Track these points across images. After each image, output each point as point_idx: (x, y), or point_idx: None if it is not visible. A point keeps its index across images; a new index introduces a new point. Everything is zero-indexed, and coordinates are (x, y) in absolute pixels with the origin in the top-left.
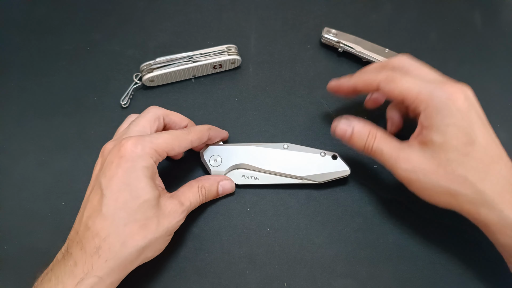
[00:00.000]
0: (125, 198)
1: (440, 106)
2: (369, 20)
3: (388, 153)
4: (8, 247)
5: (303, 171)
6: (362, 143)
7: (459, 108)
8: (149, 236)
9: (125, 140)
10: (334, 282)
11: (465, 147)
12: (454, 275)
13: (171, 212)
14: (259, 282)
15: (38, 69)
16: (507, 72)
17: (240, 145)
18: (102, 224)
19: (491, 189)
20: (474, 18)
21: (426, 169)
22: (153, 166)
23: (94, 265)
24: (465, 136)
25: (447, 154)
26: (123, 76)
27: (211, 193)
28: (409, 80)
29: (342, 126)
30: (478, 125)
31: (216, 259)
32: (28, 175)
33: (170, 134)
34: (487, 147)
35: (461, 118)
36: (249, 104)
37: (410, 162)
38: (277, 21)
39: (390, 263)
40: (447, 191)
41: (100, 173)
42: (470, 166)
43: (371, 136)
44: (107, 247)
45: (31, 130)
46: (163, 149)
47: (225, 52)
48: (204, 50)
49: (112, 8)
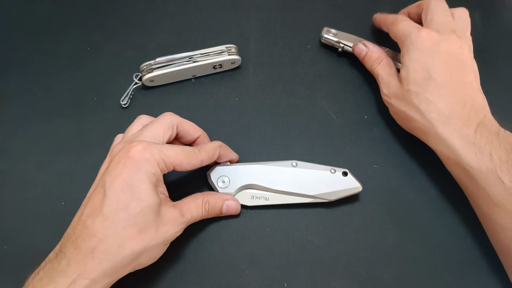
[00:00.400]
0: (127, 200)
1: (409, 45)
2: (369, 20)
3: (381, 77)
4: (8, 247)
5: (314, 189)
6: (370, 63)
7: (423, 48)
8: (146, 242)
9: (135, 143)
10: (334, 283)
11: (422, 81)
12: (454, 275)
13: (171, 221)
14: (259, 283)
15: (38, 70)
16: (507, 72)
17: (248, 165)
18: (102, 225)
19: (437, 118)
20: (474, 18)
21: (396, 96)
22: (159, 174)
23: (87, 266)
24: (423, 71)
25: (408, 85)
26: (123, 76)
27: (215, 210)
28: (405, 23)
29: (359, 47)
30: (439, 64)
31: (216, 259)
32: (28, 175)
33: (182, 149)
34: (443, 83)
35: (422, 56)
36: (249, 104)
37: (389, 87)
38: (277, 22)
39: (390, 264)
40: (407, 116)
41: (106, 171)
42: (423, 97)
43: (378, 60)
44: (103, 248)
45: (31, 131)
46: (172, 162)
47: (225, 52)
48: (204, 50)
49: (112, 9)
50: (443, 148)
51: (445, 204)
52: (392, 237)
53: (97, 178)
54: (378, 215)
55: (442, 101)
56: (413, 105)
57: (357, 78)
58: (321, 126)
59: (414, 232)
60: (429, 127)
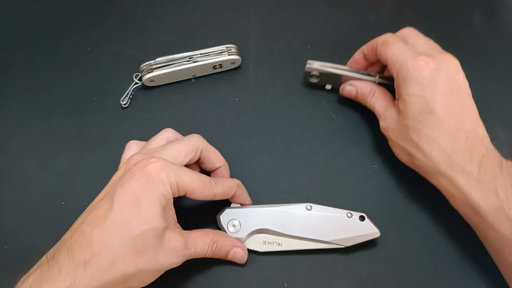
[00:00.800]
0: (132, 217)
1: (406, 76)
2: (369, 20)
3: (377, 109)
4: (8, 247)
5: (330, 235)
6: (365, 99)
7: (422, 79)
8: (140, 266)
9: (155, 160)
10: (334, 282)
11: (421, 116)
12: (454, 275)
13: (173, 250)
14: (259, 282)
15: (38, 69)
16: (507, 72)
17: (260, 207)
18: (100, 236)
19: (439, 156)
20: (474, 18)
21: (394, 130)
22: (170, 197)
23: (78, 277)
24: (422, 105)
25: (406, 121)
26: (123, 76)
27: (221, 253)
28: (398, 46)
29: (348, 88)
30: (440, 96)
31: (216, 259)
32: (28, 175)
33: (199, 177)
34: (444, 118)
35: (421, 89)
36: (249, 104)
37: (387, 121)
38: (277, 21)
39: (390, 263)
40: (407, 152)
41: (118, 182)
42: (423, 134)
43: (371, 93)
44: (96, 262)
45: (31, 130)
46: (185, 187)
47: (225, 52)
48: (204, 50)
49: (112, 8)
50: (447, 186)
51: (445, 203)
52: (392, 237)
53: (108, 185)
54: (378, 214)
55: (443, 138)
56: (412, 142)
57: None
58: (321, 125)
59: (414, 232)
60: (431, 165)
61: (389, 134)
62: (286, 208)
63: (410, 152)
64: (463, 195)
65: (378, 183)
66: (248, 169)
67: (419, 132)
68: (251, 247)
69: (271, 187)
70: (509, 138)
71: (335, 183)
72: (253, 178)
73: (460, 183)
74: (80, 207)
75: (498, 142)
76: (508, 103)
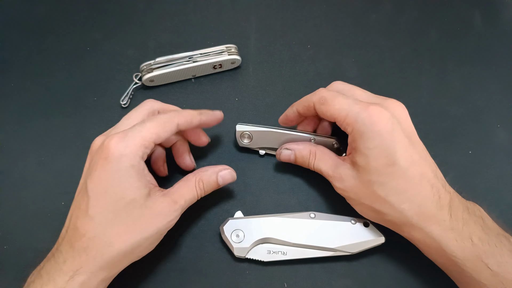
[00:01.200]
0: (110, 200)
1: (363, 129)
2: (369, 20)
3: (325, 171)
4: (8, 247)
5: (334, 242)
6: (306, 163)
7: (381, 130)
8: (137, 237)
9: (108, 139)
10: (334, 282)
11: (385, 169)
12: None
13: (162, 212)
14: (259, 282)
15: (38, 69)
16: (507, 72)
17: (263, 217)
18: (89, 226)
19: (410, 209)
20: (474, 18)
21: (354, 188)
22: (139, 163)
23: (83, 263)
24: (385, 158)
25: (369, 176)
26: (123, 76)
27: (210, 186)
28: (340, 101)
29: (285, 153)
30: (400, 146)
31: (216, 259)
32: (28, 175)
33: (154, 121)
34: (408, 168)
35: (382, 141)
36: (249, 104)
37: (342, 181)
38: (277, 21)
39: (390, 263)
40: (373, 209)
41: (86, 173)
42: (390, 187)
43: (312, 156)
44: (94, 247)
45: (31, 130)
46: (149, 140)
47: (225, 52)
48: (204, 50)
49: (112, 8)
50: (421, 237)
51: None
52: (392, 236)
53: (81, 178)
54: None
55: (411, 189)
56: (378, 197)
57: (357, 78)
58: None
59: None
60: (402, 219)
61: (349, 194)
62: (290, 216)
63: (377, 208)
64: (438, 245)
65: None
66: (248, 169)
67: (385, 186)
68: (256, 257)
69: (271, 187)
70: (509, 138)
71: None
72: (253, 178)
73: (434, 234)
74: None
75: (498, 142)
76: (508, 103)
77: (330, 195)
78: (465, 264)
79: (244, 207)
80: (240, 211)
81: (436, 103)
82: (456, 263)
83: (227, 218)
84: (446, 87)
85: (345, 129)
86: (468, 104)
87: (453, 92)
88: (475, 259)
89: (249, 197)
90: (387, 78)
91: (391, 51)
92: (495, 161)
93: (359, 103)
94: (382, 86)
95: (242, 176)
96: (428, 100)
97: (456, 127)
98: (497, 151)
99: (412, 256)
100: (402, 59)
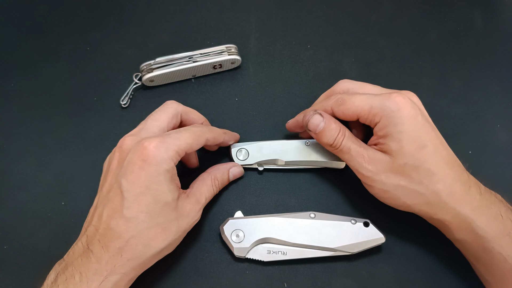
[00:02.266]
0: (148, 202)
1: (392, 115)
2: (369, 20)
3: (355, 150)
4: (8, 247)
5: (334, 242)
6: (331, 139)
7: (407, 115)
8: (170, 239)
9: (148, 142)
10: (334, 282)
11: (418, 152)
12: (455, 275)
13: (190, 213)
14: (259, 282)
15: (38, 69)
16: (507, 72)
17: (263, 217)
18: (125, 226)
19: (444, 189)
20: (474, 18)
21: (387, 172)
22: (174, 168)
23: (117, 264)
24: (416, 141)
25: (403, 159)
26: (123, 76)
27: (223, 182)
28: (359, 97)
29: (316, 118)
30: (426, 130)
31: (216, 259)
32: (28, 175)
33: (190, 133)
34: (436, 150)
35: (410, 125)
36: (249, 104)
37: (374, 163)
38: (277, 21)
39: (390, 263)
40: (406, 193)
41: (120, 172)
42: (424, 169)
43: (341, 133)
44: (130, 248)
45: (31, 130)
46: (183, 149)
47: (225, 52)
48: (204, 50)
49: (112, 8)
50: (451, 218)
51: None
52: (392, 236)
53: (108, 175)
54: (378, 214)
55: (442, 170)
56: (413, 179)
57: (357, 78)
58: None
59: (414, 231)
60: (435, 199)
61: (380, 177)
62: (290, 216)
63: (414, 189)
64: (468, 224)
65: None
66: (248, 169)
67: (419, 168)
68: (256, 257)
69: (271, 187)
70: (509, 138)
71: (335, 182)
72: (253, 178)
73: (466, 212)
74: (80, 207)
75: (498, 142)
76: (508, 103)
77: (330, 195)
78: (494, 240)
79: (244, 207)
80: (240, 211)
81: (436, 103)
82: (485, 240)
83: (227, 218)
84: (446, 87)
85: (372, 120)
86: (468, 104)
87: (453, 92)
88: (504, 235)
89: (249, 197)
90: (387, 78)
91: (391, 51)
92: (495, 161)
93: (379, 95)
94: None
95: (242, 176)
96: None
97: (456, 127)
98: (497, 151)
99: (412, 256)
100: (402, 59)
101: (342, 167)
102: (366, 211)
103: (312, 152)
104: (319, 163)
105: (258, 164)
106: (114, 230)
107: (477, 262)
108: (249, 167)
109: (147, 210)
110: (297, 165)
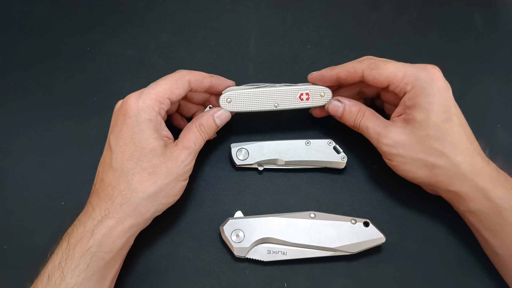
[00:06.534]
0: (131, 151)
1: (425, 85)
2: (369, 20)
3: (372, 128)
4: (8, 247)
5: (334, 242)
6: (352, 119)
7: (440, 88)
8: (158, 182)
9: (126, 98)
10: (334, 282)
11: (443, 124)
12: (454, 275)
13: (179, 157)
14: (259, 282)
15: (38, 69)
16: (507, 72)
17: (263, 217)
18: (113, 176)
19: (464, 161)
20: (474, 18)
21: (406, 143)
22: (156, 118)
23: (110, 208)
24: (443, 113)
25: (426, 130)
26: (123, 76)
27: (210, 127)
28: (393, 64)
29: (335, 104)
30: (453, 104)
31: (216, 259)
32: (28, 175)
33: (166, 79)
34: (460, 124)
35: (441, 97)
36: None
37: (391, 137)
38: (277, 21)
39: (390, 263)
40: (424, 164)
41: (109, 131)
42: (446, 141)
43: (360, 113)
44: (119, 193)
45: (31, 130)
46: (163, 95)
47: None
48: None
49: (112, 8)
50: (469, 190)
51: (445, 203)
52: (392, 236)
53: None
54: (377, 214)
55: (464, 143)
56: (435, 151)
57: None
58: (319, 124)
59: (414, 231)
60: (456, 171)
61: (398, 150)
62: (290, 216)
63: (431, 162)
64: (486, 195)
65: (378, 183)
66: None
67: (442, 140)
68: (256, 257)
69: (271, 187)
70: (509, 138)
71: (335, 182)
72: (253, 178)
73: (484, 184)
74: (80, 207)
75: (498, 142)
76: (508, 103)
77: (330, 195)
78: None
79: (244, 207)
80: (240, 211)
81: None
82: (503, 209)
83: (227, 218)
84: None
85: (402, 88)
86: (468, 104)
87: (453, 92)
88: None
89: (249, 197)
90: None
91: (391, 51)
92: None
93: (413, 65)
94: None
95: (242, 176)
96: None
97: None
98: (497, 151)
99: (412, 256)
100: (402, 59)
101: (342, 167)
102: (366, 211)
103: (312, 152)
104: (319, 163)
105: (258, 164)
106: (105, 181)
107: (491, 234)
108: (249, 167)
109: (131, 158)
110: (297, 165)
